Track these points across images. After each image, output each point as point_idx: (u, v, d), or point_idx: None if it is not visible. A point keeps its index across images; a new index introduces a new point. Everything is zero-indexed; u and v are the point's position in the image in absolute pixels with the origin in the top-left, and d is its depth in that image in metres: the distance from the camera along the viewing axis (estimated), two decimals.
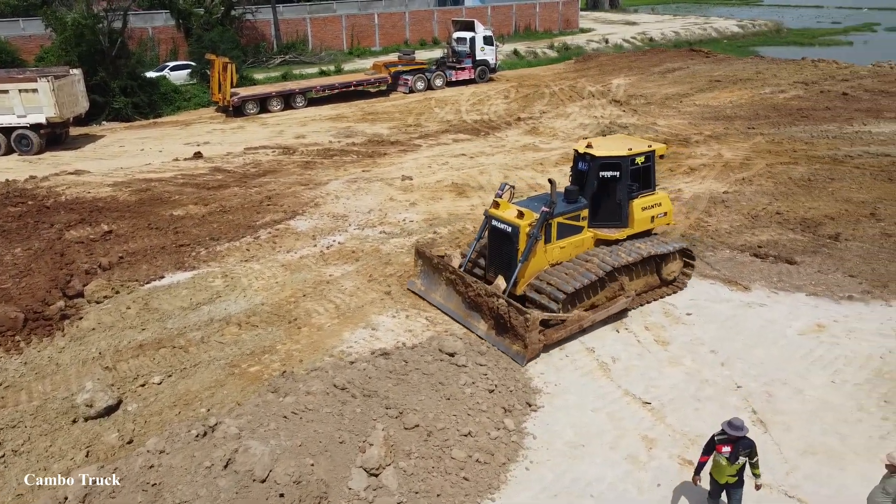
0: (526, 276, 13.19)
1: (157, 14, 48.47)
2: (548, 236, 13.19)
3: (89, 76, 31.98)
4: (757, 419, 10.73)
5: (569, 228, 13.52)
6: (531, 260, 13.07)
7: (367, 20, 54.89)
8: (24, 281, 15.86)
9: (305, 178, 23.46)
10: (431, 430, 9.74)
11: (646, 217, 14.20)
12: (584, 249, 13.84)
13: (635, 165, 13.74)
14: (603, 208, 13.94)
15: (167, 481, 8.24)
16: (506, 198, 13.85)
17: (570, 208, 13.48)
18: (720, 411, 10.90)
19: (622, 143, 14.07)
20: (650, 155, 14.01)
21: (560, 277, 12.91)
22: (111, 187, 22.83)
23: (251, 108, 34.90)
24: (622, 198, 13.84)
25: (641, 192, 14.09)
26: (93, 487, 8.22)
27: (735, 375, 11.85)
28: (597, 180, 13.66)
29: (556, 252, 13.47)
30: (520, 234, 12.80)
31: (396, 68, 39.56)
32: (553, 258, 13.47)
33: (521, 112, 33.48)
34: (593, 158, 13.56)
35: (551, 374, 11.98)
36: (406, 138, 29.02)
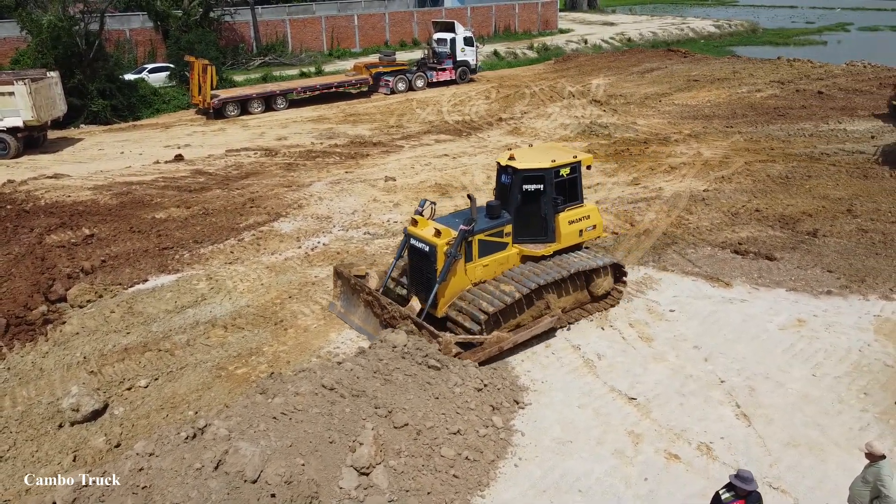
0: (447, 296, 12.54)
1: (135, 16, 48.02)
2: (469, 254, 12.60)
3: (66, 79, 31.64)
4: (740, 413, 10.91)
5: (491, 245, 12.89)
6: (451, 279, 12.44)
7: (347, 21, 54.82)
8: (5, 286, 15.68)
9: (288, 180, 23.41)
10: (420, 429, 9.80)
11: (573, 231, 13.60)
12: (509, 267, 13.22)
13: (560, 178, 13.13)
14: (528, 223, 13.27)
15: (157, 483, 8.21)
16: (426, 215, 13.26)
17: (491, 224, 12.85)
18: (704, 406, 11.08)
19: (546, 155, 13.40)
20: (576, 166, 13.41)
21: (481, 297, 12.36)
22: (91, 191, 22.61)
23: (232, 110, 34.73)
24: (547, 212, 13.22)
25: (568, 204, 13.51)
26: (82, 490, 8.17)
27: (718, 370, 12.04)
28: (520, 194, 13.02)
29: (479, 271, 12.84)
30: (437, 253, 12.17)
31: (377, 69, 39.57)
32: (475, 277, 12.83)
33: (502, 112, 33.64)
34: (515, 171, 12.94)
35: (538, 372, 12.10)
36: (388, 139, 29.05)
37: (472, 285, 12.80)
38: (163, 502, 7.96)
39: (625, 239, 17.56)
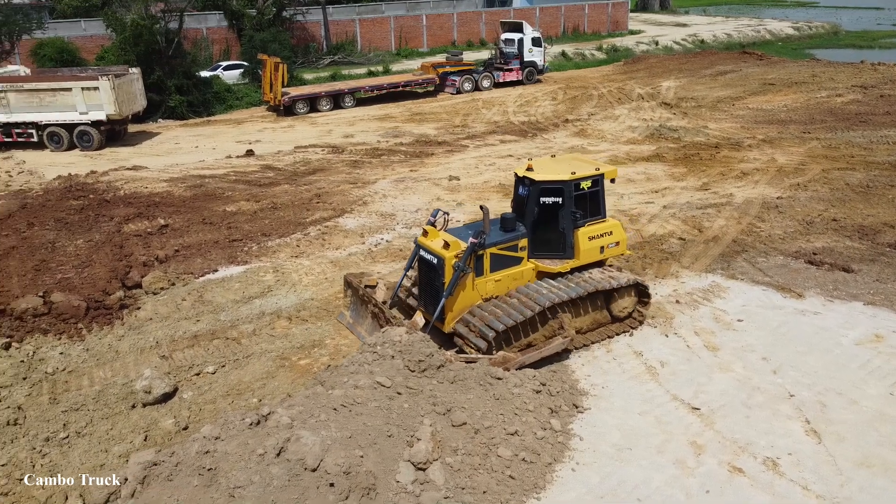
0: (455, 310, 12.01)
1: (211, 15, 49.67)
2: (480, 268, 12.03)
3: (147, 75, 32.98)
4: (810, 429, 10.51)
5: (505, 260, 12.33)
6: (459, 294, 11.92)
7: (415, 21, 55.27)
8: (86, 271, 16.46)
9: (353, 177, 23.78)
10: (478, 428, 9.81)
11: (593, 247, 12.87)
12: (524, 282, 12.59)
13: (580, 190, 12.44)
14: (545, 237, 12.65)
15: (222, 466, 8.48)
16: (439, 225, 12.68)
17: (505, 238, 12.29)
18: (772, 419, 10.72)
19: (567, 166, 12.76)
20: (598, 179, 12.68)
21: (491, 314, 11.82)
22: (167, 183, 23.51)
23: (301, 107, 35.50)
24: (566, 226, 12.54)
25: (589, 219, 12.79)
26: (152, 469, 8.52)
27: (787, 384, 11.63)
28: (537, 206, 12.40)
29: (490, 286, 12.26)
30: (445, 266, 11.63)
31: (444, 69, 39.77)
32: (486, 292, 12.25)
33: (568, 114, 33.33)
34: (532, 182, 12.31)
35: (598, 377, 11.94)
36: (453, 139, 29.16)
37: (482, 300, 12.24)
38: (227, 484, 8.21)
39: (692, 245, 17.14)
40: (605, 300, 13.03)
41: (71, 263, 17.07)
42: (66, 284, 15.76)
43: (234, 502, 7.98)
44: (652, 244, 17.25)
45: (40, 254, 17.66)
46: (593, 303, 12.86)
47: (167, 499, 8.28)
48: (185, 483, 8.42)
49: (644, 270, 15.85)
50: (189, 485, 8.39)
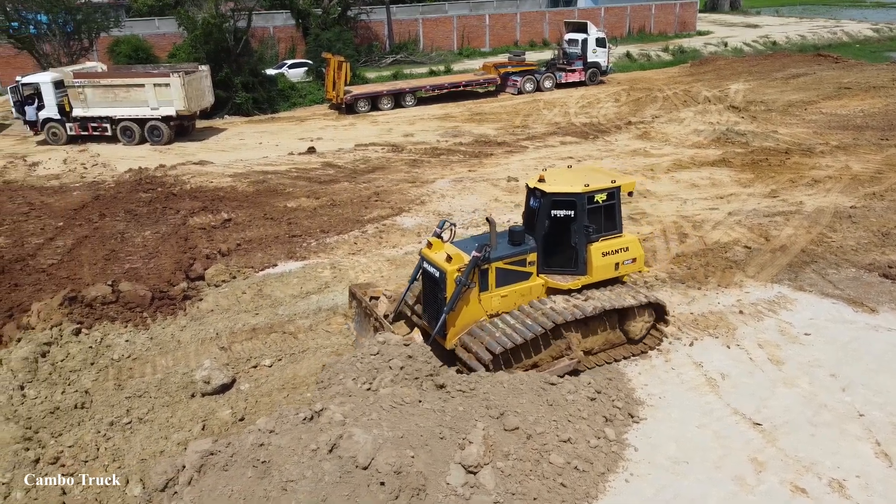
0: (457, 326, 11.45)
1: (278, 14, 50.76)
2: (484, 283, 11.47)
3: (215, 72, 33.87)
4: (881, 451, 10.01)
5: (512, 274, 11.73)
6: (462, 309, 11.37)
7: (478, 21, 55.20)
8: (153, 262, 17.02)
9: (412, 176, 23.89)
10: (531, 434, 9.69)
11: (607, 264, 12.15)
12: (533, 298, 11.99)
13: (594, 203, 11.79)
14: (556, 252, 12.05)
15: (276, 459, 8.61)
16: (446, 237, 12.12)
17: (513, 251, 11.70)
18: (839, 439, 10.25)
19: (581, 177, 12.10)
20: (614, 192, 12.02)
21: (494, 332, 11.22)
22: (231, 178, 24.09)
23: (363, 105, 35.89)
24: (578, 241, 11.88)
25: (603, 234, 12.10)
26: (208, 458, 8.71)
27: (857, 402, 11.10)
28: (548, 219, 11.78)
29: (496, 301, 11.68)
30: (447, 280, 11.11)
31: (506, 69, 39.58)
32: (492, 308, 11.68)
33: (631, 116, 32.71)
34: (544, 194, 11.71)
35: (655, 387, 11.65)
36: (513, 139, 28.99)
37: (487, 317, 11.67)
38: (280, 477, 8.33)
39: (758, 254, 16.57)
40: (618, 320, 12.33)
41: (139, 254, 17.67)
42: (133, 274, 16.33)
43: (287, 496, 8.08)
44: (715, 252, 16.75)
45: (110, 244, 18.34)
46: (605, 322, 12.16)
47: (222, 488, 8.45)
48: (240, 474, 8.58)
49: (706, 279, 15.40)
50: (243, 476, 8.55)
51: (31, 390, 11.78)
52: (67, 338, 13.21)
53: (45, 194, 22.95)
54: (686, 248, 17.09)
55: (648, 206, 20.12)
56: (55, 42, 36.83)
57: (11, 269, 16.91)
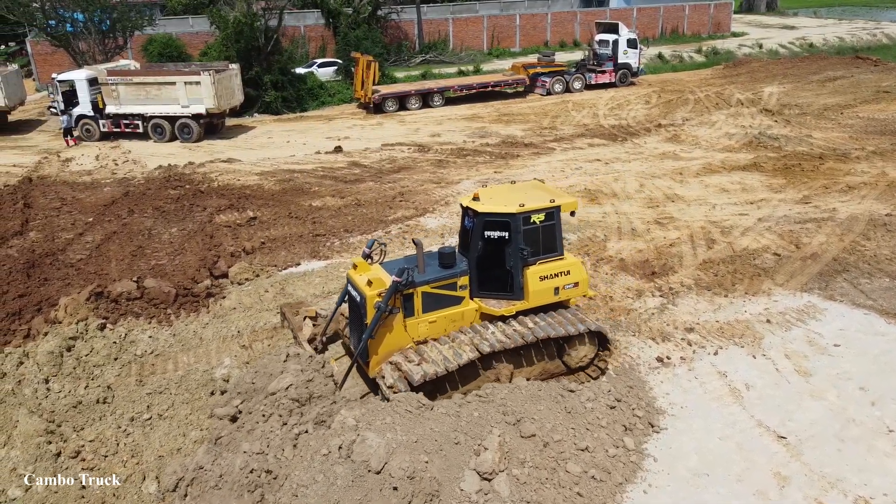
0: (379, 354, 10.80)
1: (309, 13, 51.11)
2: (410, 309, 10.81)
3: (245, 71, 34.20)
4: None
5: (441, 299, 11.06)
6: (385, 336, 10.71)
7: (509, 21, 54.97)
8: (178, 259, 17.20)
9: (438, 177, 23.83)
10: (548, 441, 9.55)
11: (545, 288, 11.40)
12: (466, 324, 11.32)
13: (531, 224, 11.07)
14: (491, 276, 11.37)
15: (285, 465, 8.62)
16: (376, 257, 11.49)
17: (441, 275, 11.02)
18: (867, 455, 9.94)
19: (519, 196, 11.35)
20: (553, 212, 11.27)
21: (416, 362, 10.58)
22: (258, 176, 24.28)
23: (390, 105, 35.94)
24: (513, 264, 11.19)
25: (541, 257, 11.37)
26: (217, 461, 8.73)
27: (887, 417, 10.76)
28: (481, 241, 11.11)
29: (423, 328, 10.99)
30: (367, 306, 10.57)
31: (535, 70, 39.34)
32: (419, 334, 10.99)
33: (661, 118, 32.27)
34: (477, 214, 11.03)
35: (678, 396, 11.43)
36: (540, 141, 28.77)
37: (413, 344, 10.99)
38: (290, 483, 8.32)
39: (787, 261, 16.19)
40: (557, 348, 11.65)
41: (165, 251, 17.87)
42: (158, 271, 16.51)
43: (297, 501, 8.06)
44: (744, 258, 16.40)
45: (138, 240, 18.58)
46: (542, 351, 11.48)
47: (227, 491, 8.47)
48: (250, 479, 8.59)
49: (734, 286, 15.09)
50: None
51: (55, 384, 11.96)
52: (92, 333, 13.40)
53: (76, 190, 23.36)
54: (713, 254, 16.77)
55: (676, 210, 19.80)
56: (91, 40, 37.53)
57: (42, 264, 17.23)
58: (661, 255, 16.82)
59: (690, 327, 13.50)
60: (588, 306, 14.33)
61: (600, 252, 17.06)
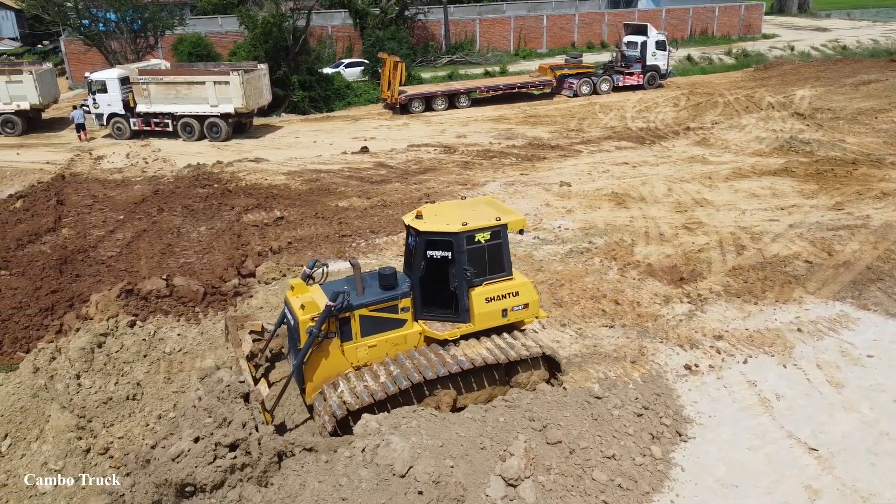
0: (315, 380, 10.43)
1: (337, 13, 51.37)
2: (347, 333, 10.41)
3: (273, 71, 34.46)
4: None
5: (381, 322, 10.65)
6: (321, 361, 10.34)
7: (536, 22, 54.76)
8: (206, 258, 17.37)
9: (463, 178, 23.81)
10: (574, 448, 9.49)
11: (492, 311, 10.88)
12: (410, 347, 10.88)
13: (475, 244, 10.58)
14: (435, 297, 10.97)
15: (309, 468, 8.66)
16: (317, 278, 11.09)
17: (381, 297, 10.61)
18: None
19: (462, 214, 10.87)
20: (499, 231, 10.78)
21: (352, 388, 10.20)
22: (285, 176, 24.45)
23: (417, 106, 35.99)
24: (458, 285, 10.71)
25: (488, 277, 10.85)
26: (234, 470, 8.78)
27: None
28: (424, 261, 10.68)
29: (363, 352, 10.60)
30: (300, 330, 10.21)
31: (562, 71, 39.13)
32: (358, 359, 10.60)
33: (690, 121, 31.91)
34: (419, 233, 10.62)
35: (705, 404, 11.28)
36: (567, 143, 28.61)
37: (353, 368, 10.61)
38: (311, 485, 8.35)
39: (819, 269, 15.91)
40: (505, 373, 11.10)
41: (193, 249, 18.07)
42: (187, 269, 16.69)
43: None
44: (774, 265, 16.15)
45: (167, 238, 18.81)
46: (488, 376, 10.92)
47: None
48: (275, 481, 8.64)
49: (764, 293, 14.87)
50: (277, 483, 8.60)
51: (86, 380, 12.13)
52: (122, 329, 13.55)
53: (108, 187, 23.72)
54: (743, 260, 16.53)
55: (705, 215, 19.56)
56: (123, 39, 38.09)
57: (74, 260, 17.52)
58: (690, 260, 16.63)
59: (719, 335, 13.32)
60: (615, 312, 14.22)
61: (627, 257, 16.91)
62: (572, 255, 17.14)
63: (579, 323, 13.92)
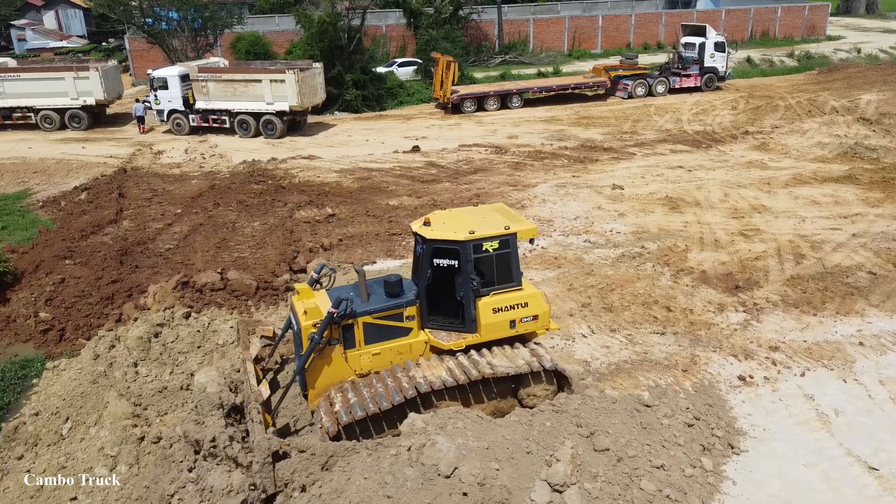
0: (317, 387, 10.34)
1: (391, 12, 51.73)
2: (350, 340, 10.28)
3: (327, 69, 34.87)
4: None
5: (385, 330, 10.48)
6: (324, 369, 10.25)
7: (590, 22, 54.15)
8: (259, 253, 17.70)
9: (514, 179, 23.69)
10: (622, 457, 9.33)
11: (500, 321, 10.57)
12: (415, 356, 10.67)
13: (482, 253, 10.30)
14: (442, 306, 10.75)
15: (355, 465, 8.73)
16: (325, 283, 11.07)
17: (385, 305, 10.43)
18: None
19: (470, 222, 10.60)
20: (508, 239, 10.46)
21: (352, 398, 9.97)
22: (337, 173, 24.73)
23: (469, 106, 35.96)
24: (464, 294, 10.47)
25: (495, 287, 10.55)
26: None
27: None
28: (430, 269, 10.46)
29: (366, 360, 10.44)
30: (302, 336, 10.17)
31: (617, 72, 38.59)
32: (361, 367, 10.45)
33: (749, 125, 31.09)
34: (425, 241, 10.43)
35: (760, 417, 10.96)
36: (620, 145, 28.20)
37: (356, 376, 10.46)
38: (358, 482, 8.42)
39: (884, 281, 15.29)
40: (512, 386, 10.68)
41: (247, 244, 18.43)
42: (241, 263, 17.03)
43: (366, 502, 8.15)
44: (835, 276, 15.60)
45: (222, 232, 19.23)
46: (493, 389, 10.52)
47: None
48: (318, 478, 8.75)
49: (823, 305, 14.37)
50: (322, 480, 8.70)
51: (143, 368, 12.51)
52: (178, 320, 13.90)
53: (166, 181, 24.39)
54: (802, 269, 16.02)
55: (763, 221, 19.03)
56: (183, 38, 39.10)
57: (133, 252, 18.06)
58: (746, 268, 16.19)
59: (775, 346, 12.94)
60: (667, 319, 13.95)
61: (681, 262, 16.57)
62: (624, 259, 16.88)
63: (629, 329, 13.69)
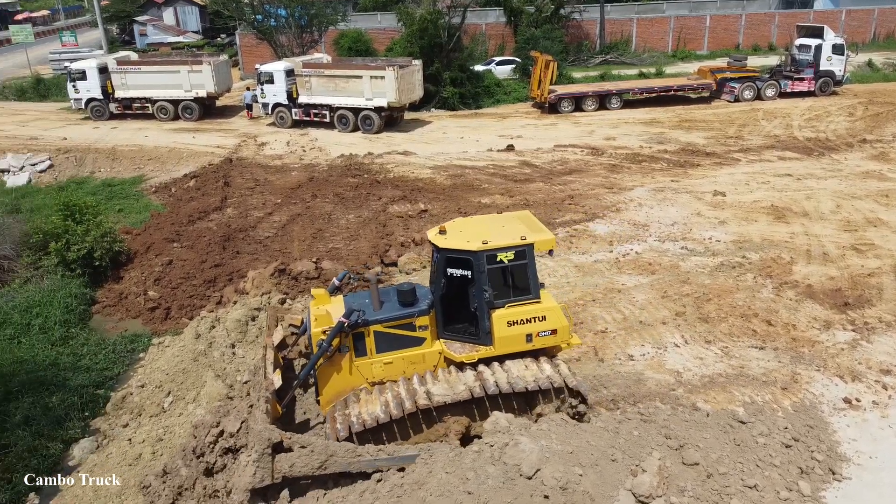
0: (328, 395, 10.20)
1: (491, 11, 51.73)
2: (361, 349, 10.07)
3: (426, 67, 35.22)
4: None
5: (396, 339, 10.18)
6: (333, 376, 10.09)
7: (697, 22, 52.28)
8: (352, 244, 18.14)
9: (610, 182, 23.20)
10: (712, 473, 8.97)
11: (515, 335, 10.12)
12: (429, 367, 10.35)
13: (497, 263, 9.88)
14: (457, 317, 10.45)
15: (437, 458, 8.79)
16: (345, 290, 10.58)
17: (397, 314, 10.16)
18: None
19: (487, 231, 10.25)
20: (524, 250, 9.98)
21: (360, 407, 9.76)
22: (431, 170, 24.98)
23: (566, 106, 35.49)
24: (479, 306, 10.07)
25: (512, 299, 10.11)
26: None
27: None
28: (444, 279, 10.16)
29: (378, 369, 10.19)
30: (312, 342, 10.05)
31: (723, 74, 37.06)
32: (373, 375, 10.21)
33: (867, 133, 29.17)
34: (439, 250, 10.13)
35: (866, 444, 10.27)
36: (723, 150, 27.09)
37: (368, 385, 10.24)
38: (437, 474, 8.47)
39: None
40: (525, 403, 10.12)
41: (341, 235, 18.92)
42: (334, 254, 17.51)
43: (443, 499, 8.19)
44: None
45: (318, 223, 19.82)
46: (507, 405, 10.00)
47: None
48: None
49: None
50: None
51: (239, 349, 13.04)
52: (274, 306, 14.42)
53: (268, 172, 25.36)
54: None
55: (878, 236, 17.82)
56: (290, 34, 40.52)
57: (235, 238, 18.90)
58: (857, 285, 15.21)
59: (887, 369, 12.09)
60: (767, 333, 13.30)
61: (785, 275, 15.75)
62: (723, 268, 16.22)
63: (725, 341, 13.14)
